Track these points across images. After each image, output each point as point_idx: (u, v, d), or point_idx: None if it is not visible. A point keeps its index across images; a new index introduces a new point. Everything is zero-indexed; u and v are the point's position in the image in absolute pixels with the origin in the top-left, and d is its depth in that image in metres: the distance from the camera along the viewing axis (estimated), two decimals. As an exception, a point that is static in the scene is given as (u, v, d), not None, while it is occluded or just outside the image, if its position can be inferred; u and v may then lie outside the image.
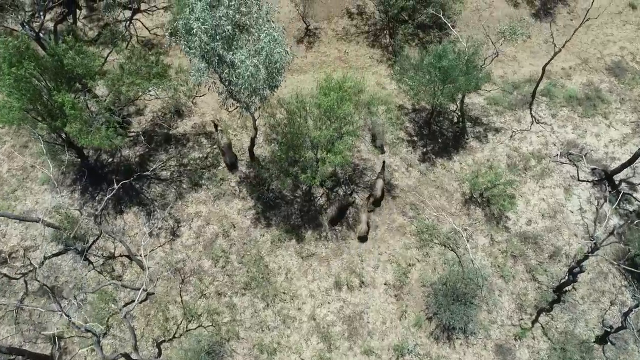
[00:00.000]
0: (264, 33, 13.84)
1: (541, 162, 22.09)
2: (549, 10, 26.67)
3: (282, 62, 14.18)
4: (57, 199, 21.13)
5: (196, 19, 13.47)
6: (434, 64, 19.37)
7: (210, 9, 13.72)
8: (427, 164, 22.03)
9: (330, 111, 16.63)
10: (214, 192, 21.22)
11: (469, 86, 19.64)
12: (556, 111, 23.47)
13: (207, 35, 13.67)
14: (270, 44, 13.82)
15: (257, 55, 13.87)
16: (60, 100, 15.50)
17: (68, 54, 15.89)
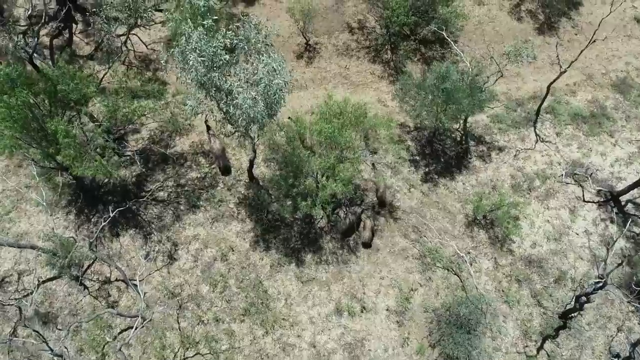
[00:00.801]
0: (262, 63, 13.42)
1: (546, 182, 21.68)
2: (553, 24, 26.26)
3: (281, 94, 13.73)
4: (52, 221, 20.69)
5: (192, 50, 13.06)
6: (437, 85, 18.95)
7: (207, 38, 13.29)
8: (429, 185, 21.61)
9: (332, 138, 16.22)
10: (212, 213, 20.79)
11: (473, 108, 19.22)
12: (561, 129, 23.06)
13: (204, 66, 13.25)
14: (268, 75, 13.38)
15: (255, 86, 13.44)
16: (54, 128, 15.08)
17: (62, 79, 15.45)
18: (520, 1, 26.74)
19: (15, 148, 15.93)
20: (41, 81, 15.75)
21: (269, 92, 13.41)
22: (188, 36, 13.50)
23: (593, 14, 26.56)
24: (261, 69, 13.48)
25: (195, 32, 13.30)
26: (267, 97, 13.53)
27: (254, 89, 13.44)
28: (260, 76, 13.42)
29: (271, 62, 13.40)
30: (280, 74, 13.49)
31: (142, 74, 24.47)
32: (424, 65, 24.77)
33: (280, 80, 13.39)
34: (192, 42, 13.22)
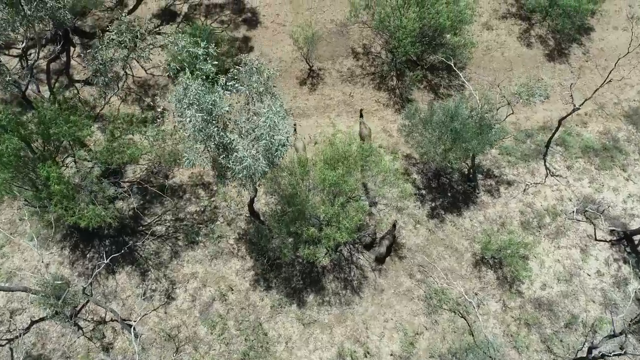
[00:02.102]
0: (263, 117, 12.74)
1: (556, 219, 20.97)
2: (564, 50, 25.53)
3: (283, 150, 13.06)
4: (46, 256, 20.08)
5: (190, 104, 12.39)
6: (445, 123, 18.27)
7: (205, 89, 12.65)
8: (435, 221, 20.91)
9: (336, 185, 15.57)
10: (211, 250, 20.14)
11: (483, 147, 18.53)
12: (572, 163, 22.34)
13: (202, 119, 12.61)
14: (270, 131, 12.72)
15: (256, 141, 12.76)
16: (45, 174, 14.45)
17: (55, 123, 14.81)
18: (530, 26, 26.02)
19: (6, 192, 15.31)
20: (33, 123, 15.11)
21: (270, 148, 12.75)
22: (186, 87, 12.84)
23: (605, 39, 25.83)
24: (262, 123, 12.80)
25: (193, 83, 12.63)
26: (268, 153, 12.86)
27: (254, 145, 12.75)
28: (261, 132, 12.74)
29: (273, 115, 12.72)
30: (282, 130, 12.80)
31: (141, 100, 23.90)
32: (431, 92, 24.10)
33: (282, 136, 12.73)
34: (190, 95, 12.56)
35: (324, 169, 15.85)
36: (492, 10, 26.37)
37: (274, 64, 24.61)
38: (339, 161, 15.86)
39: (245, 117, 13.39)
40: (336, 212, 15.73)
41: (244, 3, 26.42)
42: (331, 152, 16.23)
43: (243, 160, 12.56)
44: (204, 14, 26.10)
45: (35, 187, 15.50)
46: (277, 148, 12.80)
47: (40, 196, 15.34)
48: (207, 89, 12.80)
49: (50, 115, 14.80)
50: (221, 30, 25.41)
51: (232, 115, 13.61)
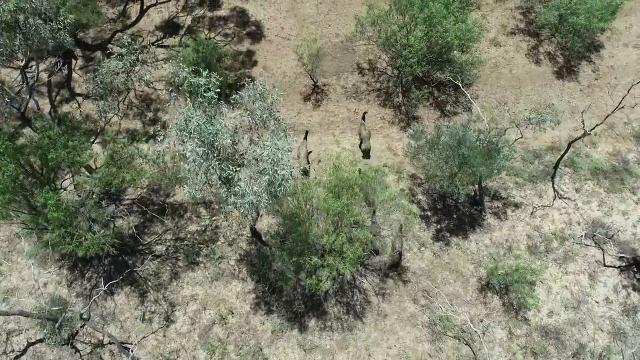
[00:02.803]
0: (267, 150, 12.35)
1: (564, 243, 20.52)
2: (573, 68, 25.04)
3: (286, 185, 12.64)
4: (44, 275, 19.76)
5: (190, 135, 11.99)
6: (452, 147, 17.85)
7: (207, 119, 12.26)
8: (441, 244, 20.49)
9: (340, 215, 15.18)
10: (212, 271, 19.77)
11: (491, 173, 18.11)
12: (580, 185, 21.88)
13: (203, 152, 12.22)
14: (273, 166, 12.32)
15: (258, 177, 12.38)
16: (43, 201, 14.11)
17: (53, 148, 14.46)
18: (539, 43, 25.56)
19: (3, 217, 14.99)
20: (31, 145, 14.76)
21: (273, 183, 12.35)
22: (187, 118, 12.46)
23: (615, 57, 25.34)
24: (265, 157, 12.41)
25: (195, 115, 12.26)
26: (271, 187, 12.47)
27: (256, 179, 12.36)
28: (264, 167, 12.36)
29: (276, 150, 12.32)
30: (286, 164, 12.40)
31: (142, 114, 23.55)
32: (437, 110, 23.66)
33: (285, 171, 12.34)
34: (192, 125, 12.19)
35: (328, 198, 15.45)
36: (500, 25, 25.92)
37: (278, 78, 24.27)
38: (342, 188, 15.47)
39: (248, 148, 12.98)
40: (340, 242, 15.34)
41: (248, 16, 26.05)
42: (335, 180, 15.82)
43: (245, 196, 12.20)
44: (207, 26, 25.75)
45: (32, 209, 15.16)
46: (281, 183, 12.42)
47: (38, 221, 15.01)
48: (208, 120, 12.41)
49: (48, 142, 14.45)
50: (224, 44, 25.06)
51: (234, 144, 13.21)
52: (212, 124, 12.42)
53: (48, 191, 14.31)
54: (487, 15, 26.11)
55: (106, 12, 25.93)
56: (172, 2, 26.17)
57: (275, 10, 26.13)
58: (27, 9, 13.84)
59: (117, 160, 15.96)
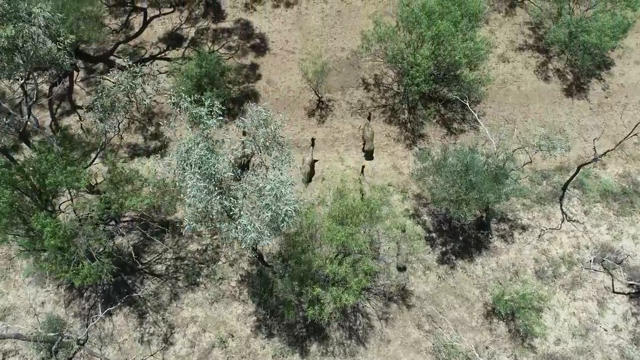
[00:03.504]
0: (269, 184, 11.95)
1: (572, 268, 20.08)
2: (582, 85, 24.58)
3: (289, 221, 12.23)
4: (41, 294, 19.44)
5: (192, 173, 11.60)
6: (459, 172, 17.43)
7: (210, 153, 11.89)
8: (446, 267, 20.08)
9: (344, 245, 14.79)
10: (212, 293, 19.41)
11: (499, 199, 17.68)
12: (589, 207, 21.42)
13: (204, 186, 11.84)
14: (276, 201, 11.93)
15: (260, 212, 11.98)
16: (40, 227, 13.78)
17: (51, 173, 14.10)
18: (548, 59, 25.09)
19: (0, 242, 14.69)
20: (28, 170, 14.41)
21: (276, 218, 11.96)
22: (188, 150, 12.08)
23: (625, 74, 24.87)
24: (268, 191, 12.01)
25: (196, 147, 11.87)
26: (273, 223, 12.08)
27: (259, 215, 11.94)
28: (267, 202, 11.98)
29: (280, 185, 11.92)
30: (289, 200, 11.99)
31: (144, 128, 23.22)
32: (444, 127, 23.23)
33: (289, 207, 11.94)
34: (193, 158, 11.80)
35: (332, 227, 15.05)
36: (509, 41, 25.47)
37: (282, 93, 23.89)
38: (347, 216, 15.08)
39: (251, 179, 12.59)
40: (344, 272, 14.95)
41: (252, 28, 25.67)
42: (339, 208, 15.42)
43: (246, 232, 11.84)
44: (211, 39, 25.38)
45: (29, 232, 14.82)
46: (284, 219, 12.02)
47: (34, 246, 14.67)
48: (210, 152, 12.02)
49: (46, 166, 14.10)
50: (228, 57, 24.68)
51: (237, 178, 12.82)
52: (214, 156, 12.02)
53: (45, 217, 13.97)
54: (496, 30, 25.67)
55: (109, 23, 25.58)
56: (175, 14, 25.81)
57: (280, 23, 25.75)
58: (25, 34, 13.52)
59: (117, 183, 15.58)
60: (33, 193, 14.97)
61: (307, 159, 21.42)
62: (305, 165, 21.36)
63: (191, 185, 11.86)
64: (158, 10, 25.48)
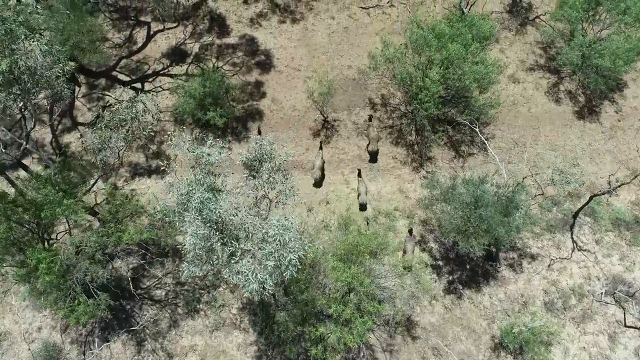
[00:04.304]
0: (272, 230, 11.43)
1: (582, 300, 19.51)
2: (594, 108, 23.99)
3: (292, 269, 11.69)
4: (38, 318, 19.02)
5: (193, 220, 11.08)
6: (468, 204, 16.89)
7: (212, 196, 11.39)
8: (452, 297, 19.54)
9: (349, 284, 14.29)
10: (212, 320, 18.93)
11: (509, 234, 17.12)
12: (601, 236, 20.84)
13: (205, 231, 11.36)
14: (280, 249, 11.43)
15: (263, 260, 11.46)
16: (35, 262, 13.34)
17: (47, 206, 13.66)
18: (559, 80, 24.51)
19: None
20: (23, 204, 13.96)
21: (279, 266, 11.45)
22: (189, 193, 11.59)
23: (639, 97, 24.27)
24: (271, 237, 11.48)
25: (197, 190, 11.37)
26: (276, 272, 11.56)
27: (261, 263, 11.42)
28: (270, 250, 11.47)
29: (283, 231, 11.41)
30: (293, 248, 11.48)
31: (146, 147, 22.75)
32: (452, 150, 22.68)
33: (292, 255, 11.42)
34: (193, 203, 11.32)
35: (337, 267, 14.54)
36: (519, 61, 24.88)
37: (287, 112, 23.40)
38: (352, 253, 14.58)
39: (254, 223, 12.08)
40: (349, 313, 14.44)
41: (257, 44, 25.20)
42: (344, 248, 14.90)
43: (248, 282, 11.35)
44: (215, 54, 24.90)
45: (24, 264, 14.38)
46: (287, 267, 11.49)
47: (29, 278, 14.23)
48: (212, 194, 11.53)
49: (42, 200, 13.66)
50: (233, 74, 24.19)
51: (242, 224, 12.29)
52: (215, 200, 11.53)
53: (41, 251, 13.52)
54: (506, 49, 25.10)
55: (112, 37, 25.18)
56: (179, 28, 25.38)
57: (285, 39, 25.26)
58: (21, 66, 13.08)
59: (115, 214, 15.12)
60: (30, 223, 14.52)
61: (317, 163, 21.26)
62: (316, 170, 21.22)
63: (191, 233, 11.39)
64: (162, 25, 25.15)
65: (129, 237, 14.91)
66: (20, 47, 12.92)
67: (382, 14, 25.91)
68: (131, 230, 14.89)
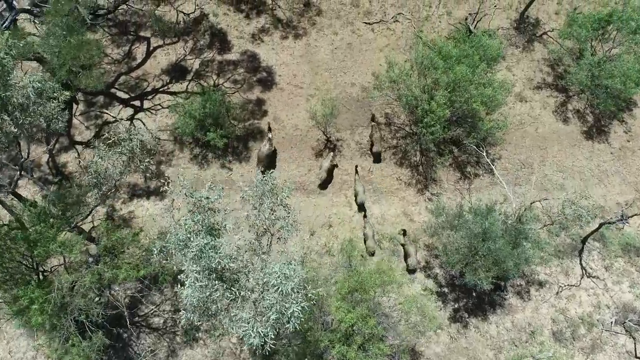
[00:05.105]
0: (274, 278, 10.90)
1: (592, 330, 19.01)
2: (603, 128, 23.48)
3: (295, 323, 11.08)
4: (32, 347, 18.53)
5: (191, 271, 10.53)
6: (476, 235, 16.39)
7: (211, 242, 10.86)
8: (458, 326, 19.05)
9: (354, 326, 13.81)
10: (212, 350, 18.45)
11: (519, 266, 16.62)
12: (610, 262, 20.34)
13: (205, 282, 10.87)
14: (282, 300, 10.90)
15: (265, 311, 10.93)
16: (27, 302, 12.85)
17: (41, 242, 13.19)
18: (567, 99, 23.98)
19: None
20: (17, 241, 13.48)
21: (280, 319, 10.92)
22: (186, 239, 11.08)
23: (649, 117, 23.78)
24: (271, 286, 10.95)
25: (196, 240, 10.86)
26: (277, 324, 11.03)
27: (262, 317, 10.87)
28: (272, 302, 10.93)
29: (285, 282, 10.89)
30: (296, 300, 10.93)
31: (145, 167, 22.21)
32: (457, 171, 22.19)
33: (295, 308, 10.88)
34: (192, 251, 10.81)
35: (342, 308, 14.05)
36: (526, 79, 24.35)
37: (289, 131, 22.89)
38: (356, 290, 14.09)
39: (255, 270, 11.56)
40: (354, 356, 13.94)
41: (259, 61, 24.67)
42: (348, 286, 14.40)
43: (248, 336, 10.84)
44: (216, 71, 24.38)
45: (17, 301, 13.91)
46: (289, 320, 10.94)
47: (22, 316, 13.76)
48: (211, 240, 11.01)
49: (35, 237, 13.19)
50: (233, 92, 23.68)
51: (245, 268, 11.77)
52: (215, 248, 11.01)
53: (34, 289, 13.05)
54: (513, 67, 24.56)
55: (110, 53, 24.68)
56: (179, 44, 24.86)
57: (288, 55, 24.74)
58: (13, 102, 12.61)
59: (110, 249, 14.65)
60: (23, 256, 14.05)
61: (324, 164, 21.26)
62: (322, 172, 21.17)
63: (189, 284, 10.89)
64: (162, 40, 24.67)
65: (125, 275, 14.41)
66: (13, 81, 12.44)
67: (387, 29, 25.37)
68: (128, 268, 14.37)
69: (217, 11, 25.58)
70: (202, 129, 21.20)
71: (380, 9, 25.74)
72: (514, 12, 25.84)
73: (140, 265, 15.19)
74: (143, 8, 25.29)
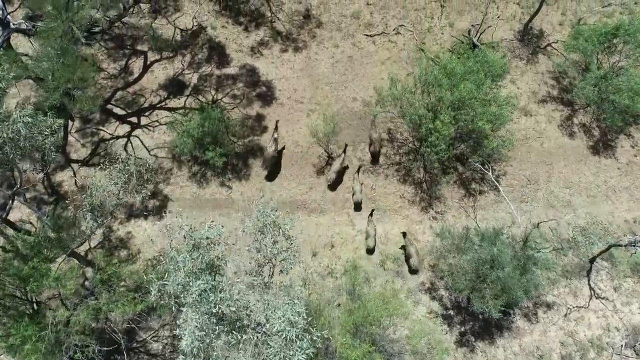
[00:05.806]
0: (277, 324, 10.41)
1: (602, 354, 18.57)
2: (609, 142, 23.03)
3: None
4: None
5: (190, 318, 10.08)
6: (484, 261, 15.93)
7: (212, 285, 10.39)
8: (465, 350, 18.59)
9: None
10: (212, 378, 17.96)
11: (527, 294, 16.17)
12: (619, 282, 19.90)
13: (201, 336, 10.38)
14: (285, 347, 10.43)
15: (269, 358, 10.46)
16: (20, 340, 12.36)
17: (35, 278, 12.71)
18: (572, 113, 23.52)
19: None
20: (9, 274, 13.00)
21: None
22: (185, 286, 10.59)
23: (656, 131, 23.33)
24: (274, 331, 10.45)
25: (195, 286, 10.38)
26: None
27: (266, 359, 10.46)
28: (276, 350, 10.47)
29: (290, 329, 10.38)
30: (301, 347, 10.45)
31: (143, 186, 21.73)
32: (462, 188, 21.70)
33: (301, 357, 10.38)
34: (191, 297, 10.33)
35: (347, 344, 13.59)
36: (531, 92, 23.89)
37: (289, 148, 22.39)
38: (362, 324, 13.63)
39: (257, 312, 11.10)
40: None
41: (258, 75, 24.17)
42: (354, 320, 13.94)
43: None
44: (214, 86, 23.88)
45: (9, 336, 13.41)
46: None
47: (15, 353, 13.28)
48: (212, 281, 10.54)
49: (28, 272, 12.70)
50: (232, 107, 23.20)
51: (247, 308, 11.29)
52: (216, 292, 10.54)
53: (27, 326, 12.56)
54: (517, 79, 24.11)
55: (107, 68, 24.16)
56: (177, 58, 24.38)
57: (288, 69, 24.26)
58: (3, 137, 12.13)
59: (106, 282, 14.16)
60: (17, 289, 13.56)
61: (334, 166, 21.24)
62: (332, 173, 21.11)
63: (188, 334, 10.42)
64: (159, 54, 24.20)
65: (122, 310, 13.94)
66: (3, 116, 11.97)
67: (388, 41, 24.92)
68: (125, 302, 13.90)
69: (215, 24, 25.11)
70: (201, 148, 20.72)
71: (382, 21, 25.30)
72: (517, 23, 25.42)
73: (138, 298, 14.68)
74: (139, 22, 24.81)
